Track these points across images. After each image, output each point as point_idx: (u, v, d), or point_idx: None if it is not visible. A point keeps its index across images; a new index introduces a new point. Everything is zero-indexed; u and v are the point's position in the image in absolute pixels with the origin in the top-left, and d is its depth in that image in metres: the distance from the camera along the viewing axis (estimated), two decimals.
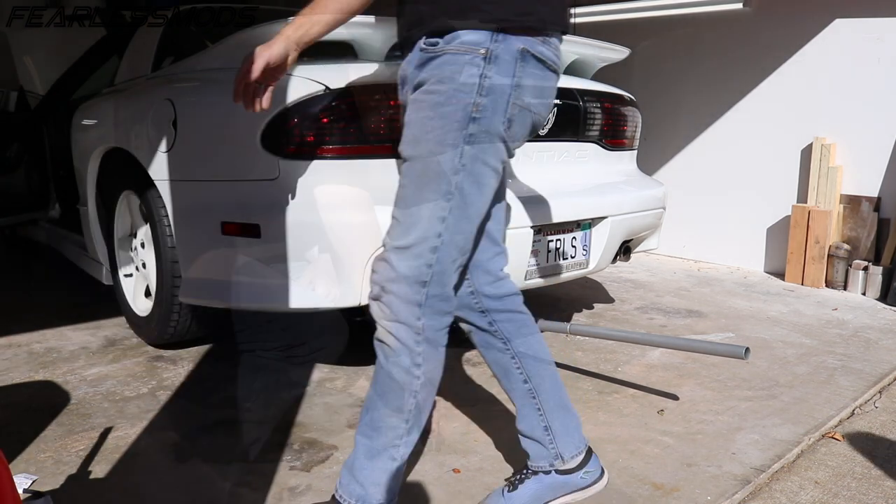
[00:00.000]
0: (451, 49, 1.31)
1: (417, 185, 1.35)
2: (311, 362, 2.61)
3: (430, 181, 1.34)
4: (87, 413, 2.17)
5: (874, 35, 3.81)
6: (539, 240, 2.39)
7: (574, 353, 2.75)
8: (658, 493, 1.74)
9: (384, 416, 1.42)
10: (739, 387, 2.44)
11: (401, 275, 1.36)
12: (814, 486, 1.81)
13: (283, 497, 1.70)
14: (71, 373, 2.50)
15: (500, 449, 1.96)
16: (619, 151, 2.87)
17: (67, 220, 3.62)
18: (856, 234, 3.96)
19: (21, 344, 2.81)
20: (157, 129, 2.42)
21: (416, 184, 1.35)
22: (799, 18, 4.06)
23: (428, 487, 1.75)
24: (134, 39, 3.25)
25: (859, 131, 3.90)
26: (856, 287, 3.84)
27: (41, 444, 1.96)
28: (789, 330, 3.13)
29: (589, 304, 3.48)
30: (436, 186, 1.34)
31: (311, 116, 2.03)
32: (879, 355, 2.80)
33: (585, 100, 2.63)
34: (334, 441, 2.00)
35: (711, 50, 4.45)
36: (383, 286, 1.37)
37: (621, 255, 2.84)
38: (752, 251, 4.39)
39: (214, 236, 2.22)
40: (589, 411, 2.22)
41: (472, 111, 1.31)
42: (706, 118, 4.54)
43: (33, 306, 3.36)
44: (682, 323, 3.21)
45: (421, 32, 1.35)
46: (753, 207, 4.35)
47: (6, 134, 3.68)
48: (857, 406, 2.32)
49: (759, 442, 2.02)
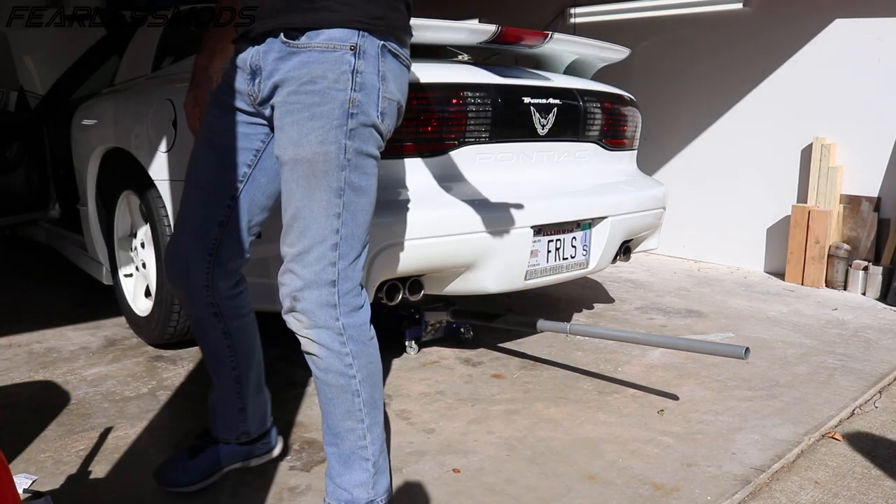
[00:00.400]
0: (317, 46, 1.30)
1: (306, 186, 1.33)
2: None
3: (319, 180, 1.33)
4: (87, 413, 2.17)
5: (874, 35, 3.81)
6: (539, 240, 2.39)
7: (574, 353, 2.75)
8: (658, 493, 1.75)
9: (339, 422, 1.43)
10: (739, 387, 2.44)
11: (308, 281, 1.34)
12: (814, 486, 1.81)
13: (283, 497, 1.70)
14: (71, 373, 2.50)
15: (500, 449, 1.96)
16: (619, 151, 2.87)
17: (67, 220, 3.62)
18: (856, 234, 3.96)
19: (21, 344, 2.81)
20: (157, 129, 2.42)
21: (305, 185, 1.33)
22: (799, 18, 4.06)
23: (428, 487, 1.76)
24: (134, 39, 3.25)
25: (859, 131, 3.90)
26: (856, 287, 3.84)
27: (41, 444, 1.96)
28: (789, 330, 3.13)
29: (589, 304, 3.48)
30: (325, 185, 1.33)
31: None
32: (879, 355, 2.80)
33: (585, 100, 2.63)
34: None
35: (711, 50, 4.45)
36: (294, 297, 1.36)
37: (621, 255, 2.84)
38: (752, 251, 4.39)
39: None
40: (589, 411, 2.22)
41: (350, 107, 1.31)
42: (706, 118, 4.54)
43: (33, 306, 3.36)
44: (682, 323, 3.21)
45: (278, 24, 1.33)
46: (753, 207, 4.35)
47: (6, 134, 3.68)
48: (857, 406, 2.32)
49: (759, 442, 2.02)
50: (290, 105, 1.33)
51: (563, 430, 2.09)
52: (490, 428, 2.09)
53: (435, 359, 2.65)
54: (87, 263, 3.26)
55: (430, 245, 2.13)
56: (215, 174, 1.50)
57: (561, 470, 1.85)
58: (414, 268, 2.16)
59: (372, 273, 2.05)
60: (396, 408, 2.23)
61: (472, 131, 2.29)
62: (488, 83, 2.35)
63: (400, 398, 2.30)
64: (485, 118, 2.30)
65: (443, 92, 2.23)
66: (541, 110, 2.46)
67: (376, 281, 2.08)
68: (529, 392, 2.37)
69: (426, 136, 2.21)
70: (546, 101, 2.48)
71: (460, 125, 2.26)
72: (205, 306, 1.59)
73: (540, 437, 2.04)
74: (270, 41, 1.35)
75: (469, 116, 2.27)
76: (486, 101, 2.30)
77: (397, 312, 2.66)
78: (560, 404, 2.27)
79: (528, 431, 2.07)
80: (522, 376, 2.51)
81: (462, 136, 2.27)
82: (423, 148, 2.22)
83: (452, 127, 2.25)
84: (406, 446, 1.97)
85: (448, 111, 2.23)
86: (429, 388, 2.39)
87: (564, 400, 2.31)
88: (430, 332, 2.69)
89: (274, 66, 1.35)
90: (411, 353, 2.68)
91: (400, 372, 2.53)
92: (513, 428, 2.10)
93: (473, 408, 2.23)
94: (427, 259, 2.15)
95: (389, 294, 2.17)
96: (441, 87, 2.24)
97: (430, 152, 2.23)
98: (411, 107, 2.17)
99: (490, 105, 2.31)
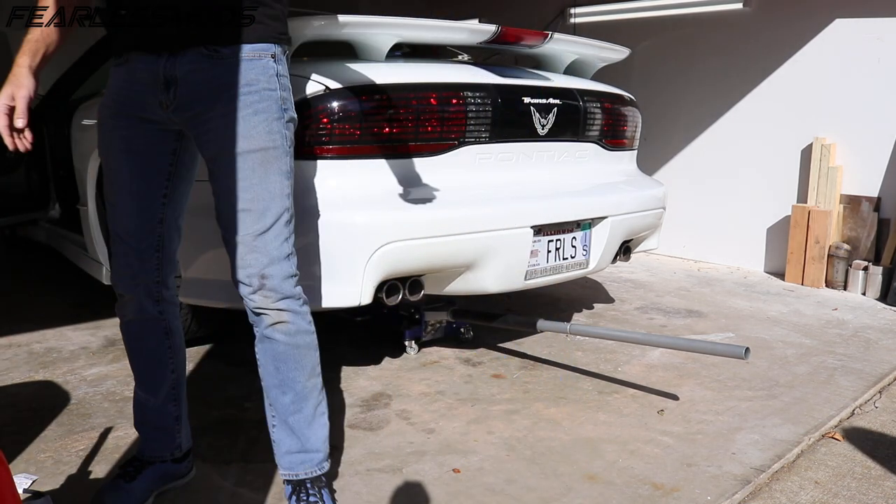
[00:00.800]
0: (245, 56, 1.49)
1: (262, 172, 1.49)
2: None
3: (272, 165, 1.49)
4: (87, 413, 2.17)
5: (874, 35, 3.81)
6: (539, 240, 2.39)
7: (574, 353, 2.75)
8: (658, 493, 1.75)
9: (306, 383, 1.58)
10: (739, 387, 2.44)
11: (272, 257, 1.49)
12: (814, 486, 1.81)
13: (283, 497, 1.70)
14: (71, 373, 2.50)
15: (500, 449, 1.96)
16: (619, 151, 2.87)
17: (67, 220, 3.62)
18: (856, 234, 3.96)
19: (21, 344, 2.81)
20: None
21: (262, 171, 1.49)
22: (799, 18, 4.06)
23: (428, 487, 1.76)
24: None
25: (859, 131, 3.90)
26: (856, 287, 3.84)
27: (41, 444, 1.96)
28: (789, 330, 3.13)
29: (589, 304, 3.48)
30: (277, 169, 1.50)
31: (311, 116, 2.03)
32: (879, 355, 2.80)
33: (585, 100, 2.63)
34: (334, 441, 1.99)
35: (711, 50, 4.45)
36: (262, 275, 1.49)
37: (621, 255, 2.84)
38: (752, 251, 4.39)
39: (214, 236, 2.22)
40: (589, 411, 2.22)
41: (282, 104, 1.52)
42: (706, 118, 4.54)
43: (33, 306, 3.36)
44: (682, 323, 3.21)
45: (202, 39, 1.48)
46: (753, 207, 4.35)
47: None
48: (857, 406, 2.32)
49: (759, 442, 2.02)
50: (230, 106, 1.48)
51: (563, 430, 2.09)
52: (490, 428, 2.09)
53: (435, 359, 2.65)
54: (87, 263, 3.25)
55: (430, 245, 2.12)
56: (142, 178, 1.58)
57: (561, 470, 1.85)
58: (414, 268, 2.16)
59: (371, 272, 2.05)
60: (396, 408, 2.23)
61: (472, 131, 2.29)
62: (488, 83, 2.35)
63: (400, 398, 2.30)
64: (485, 118, 2.30)
65: (443, 92, 2.23)
66: (541, 110, 2.46)
67: (376, 281, 2.08)
68: (529, 392, 2.37)
69: (426, 136, 2.21)
70: (546, 101, 2.48)
71: (460, 125, 2.26)
72: (153, 304, 1.65)
73: (540, 437, 2.04)
74: (191, 53, 1.48)
75: (469, 116, 2.27)
76: (486, 101, 2.30)
77: (397, 312, 2.66)
78: (560, 404, 2.27)
79: (528, 431, 2.07)
80: (522, 376, 2.51)
81: (462, 136, 2.27)
82: (423, 148, 2.22)
83: (452, 127, 2.25)
84: (406, 446, 1.97)
85: (448, 111, 2.23)
86: (429, 388, 2.39)
87: (564, 400, 2.31)
88: (430, 332, 2.69)
89: (197, 75, 1.48)
90: (411, 353, 2.68)
91: (400, 372, 2.53)
92: (513, 428, 2.10)
93: (473, 408, 2.23)
94: (427, 259, 2.15)
95: (389, 294, 2.17)
96: (441, 87, 2.24)
97: (430, 152, 2.23)
98: (411, 106, 2.17)
99: (490, 105, 2.31)
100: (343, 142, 2.08)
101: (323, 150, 2.06)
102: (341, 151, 2.09)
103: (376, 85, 2.12)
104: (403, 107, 2.15)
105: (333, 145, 2.07)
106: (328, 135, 2.06)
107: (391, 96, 2.13)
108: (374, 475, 1.82)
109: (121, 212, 1.60)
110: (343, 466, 1.86)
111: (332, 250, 2.03)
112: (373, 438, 2.02)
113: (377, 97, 2.11)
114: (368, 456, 1.92)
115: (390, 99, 2.12)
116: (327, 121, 2.05)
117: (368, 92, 2.10)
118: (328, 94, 2.05)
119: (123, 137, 1.56)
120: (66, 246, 3.57)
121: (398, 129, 2.15)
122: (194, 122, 1.50)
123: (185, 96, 1.49)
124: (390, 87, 2.15)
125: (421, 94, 2.19)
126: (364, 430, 2.07)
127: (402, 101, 2.15)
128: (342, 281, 2.04)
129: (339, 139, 2.07)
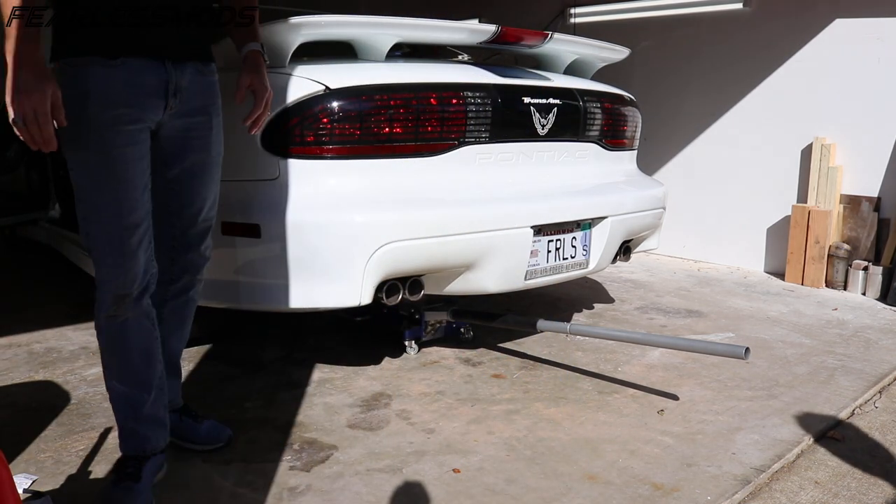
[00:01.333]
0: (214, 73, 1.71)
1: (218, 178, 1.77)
2: (311, 362, 2.61)
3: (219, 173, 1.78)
4: (87, 413, 2.17)
5: (874, 35, 3.81)
6: (539, 240, 2.39)
7: (574, 353, 2.75)
8: (658, 493, 1.75)
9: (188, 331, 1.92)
10: (739, 387, 2.44)
11: None
12: (814, 486, 1.81)
13: (282, 497, 1.70)
14: (71, 373, 2.50)
15: (500, 449, 1.96)
16: (619, 151, 2.87)
17: (67, 220, 3.62)
18: (856, 234, 3.96)
19: (21, 344, 2.81)
20: None
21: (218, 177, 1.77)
22: (799, 18, 4.06)
23: (428, 487, 1.76)
24: None
25: (859, 131, 3.90)
26: (856, 287, 3.84)
27: (41, 444, 1.96)
28: (789, 330, 3.13)
29: (589, 304, 3.48)
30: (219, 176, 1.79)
31: (311, 116, 2.04)
32: (879, 355, 2.80)
33: (585, 100, 2.63)
34: (334, 441, 2.00)
35: (711, 50, 4.45)
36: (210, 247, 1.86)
37: (621, 255, 2.84)
38: (752, 251, 4.39)
39: (214, 236, 2.22)
40: (589, 411, 2.22)
41: None
42: (706, 118, 4.54)
43: (33, 306, 3.36)
44: (682, 323, 3.21)
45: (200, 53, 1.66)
46: (753, 207, 4.35)
47: (6, 134, 3.68)
48: (857, 406, 2.32)
49: (759, 442, 2.02)
50: (216, 117, 1.72)
51: (563, 430, 2.09)
52: (490, 428, 2.09)
53: (435, 359, 2.65)
54: (87, 263, 3.25)
55: (429, 245, 2.13)
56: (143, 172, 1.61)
57: (561, 470, 1.85)
58: (414, 268, 2.16)
59: (371, 272, 2.05)
60: (396, 408, 2.23)
61: (472, 131, 2.29)
62: (488, 83, 2.35)
63: (400, 398, 2.30)
64: (485, 118, 2.31)
65: (443, 92, 2.23)
66: (541, 110, 2.46)
67: (376, 281, 2.08)
68: (529, 392, 2.37)
69: (426, 136, 2.21)
70: (546, 101, 2.48)
71: (460, 125, 2.26)
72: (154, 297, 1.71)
73: (540, 437, 2.04)
74: (191, 65, 1.63)
75: (469, 116, 2.27)
76: (486, 101, 2.30)
77: (397, 312, 2.66)
78: (560, 404, 2.27)
79: (528, 431, 2.07)
80: (522, 376, 2.51)
81: (462, 136, 2.27)
82: (423, 148, 2.22)
83: (452, 127, 2.25)
84: (406, 446, 1.97)
85: (448, 111, 2.23)
86: (429, 388, 2.39)
87: (564, 400, 2.31)
88: (430, 332, 2.69)
89: (193, 87, 1.65)
90: (411, 353, 2.68)
91: (400, 372, 2.53)
92: (513, 428, 2.10)
93: (473, 408, 2.23)
94: (427, 259, 2.15)
95: (389, 294, 2.17)
96: (441, 87, 2.24)
97: (430, 152, 2.23)
98: (411, 106, 2.17)
99: (490, 105, 2.31)
100: (343, 142, 2.08)
101: (323, 150, 2.06)
102: (341, 151, 2.09)
103: (376, 85, 2.12)
104: (403, 107, 2.15)
105: (333, 145, 2.07)
106: (328, 135, 2.06)
107: (391, 96, 2.13)
108: (374, 475, 1.82)
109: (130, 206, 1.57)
110: (343, 466, 1.86)
111: (332, 250, 2.03)
112: (373, 438, 2.02)
113: (377, 97, 2.11)
114: (368, 456, 1.92)
115: (390, 99, 2.12)
116: (327, 121, 2.05)
117: (368, 92, 2.11)
118: (328, 94, 2.05)
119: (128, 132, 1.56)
120: (66, 246, 3.57)
121: (398, 129, 2.15)
122: (187, 126, 1.67)
123: (186, 103, 1.64)
124: (390, 87, 2.15)
125: (421, 94, 2.19)
126: (364, 430, 2.07)
127: (402, 101, 2.15)
128: (342, 281, 2.05)
129: (338, 139, 2.07)
